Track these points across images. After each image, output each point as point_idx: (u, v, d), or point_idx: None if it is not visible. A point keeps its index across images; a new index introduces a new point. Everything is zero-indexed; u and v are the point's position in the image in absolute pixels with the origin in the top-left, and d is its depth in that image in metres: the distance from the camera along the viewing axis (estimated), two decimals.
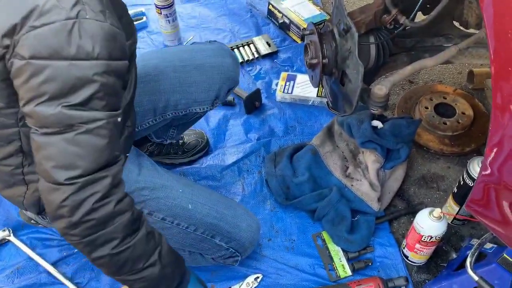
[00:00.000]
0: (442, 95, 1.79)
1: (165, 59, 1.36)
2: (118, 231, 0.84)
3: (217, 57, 1.37)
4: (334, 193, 1.48)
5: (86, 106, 0.79)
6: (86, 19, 0.76)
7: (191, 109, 1.39)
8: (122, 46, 0.82)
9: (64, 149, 0.79)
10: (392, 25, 1.31)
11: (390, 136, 1.48)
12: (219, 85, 1.36)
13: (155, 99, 1.34)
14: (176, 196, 1.20)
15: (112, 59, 0.80)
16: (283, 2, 2.21)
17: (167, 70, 1.34)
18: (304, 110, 1.88)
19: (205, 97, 1.37)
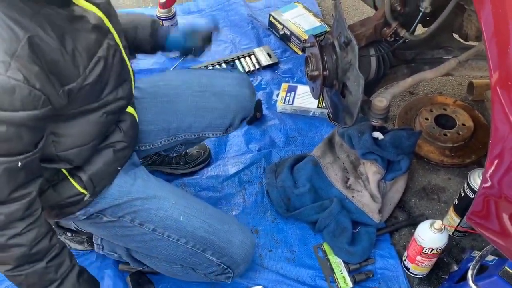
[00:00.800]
0: (442, 106, 1.80)
1: (186, 81, 1.37)
2: (10, 260, 0.93)
3: (235, 86, 1.40)
4: (335, 204, 1.48)
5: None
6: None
7: (203, 133, 1.40)
8: (25, 98, 0.83)
9: None
10: (393, 38, 1.32)
11: (390, 148, 1.48)
12: (234, 114, 1.38)
13: (169, 120, 1.35)
14: (168, 207, 1.19)
15: (3, 110, 0.81)
16: (283, 14, 2.23)
17: (186, 93, 1.35)
18: (305, 121, 1.89)
19: (219, 124, 1.39)
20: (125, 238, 1.24)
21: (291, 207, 1.55)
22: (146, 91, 1.34)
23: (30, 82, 0.82)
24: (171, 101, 1.34)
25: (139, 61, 2.13)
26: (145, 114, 1.30)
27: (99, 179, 1.10)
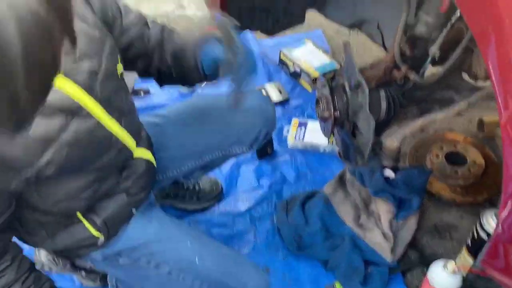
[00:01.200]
0: (453, 143, 1.81)
1: (212, 103, 1.40)
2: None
3: (260, 103, 1.43)
4: (346, 242, 1.48)
5: None
6: None
7: (230, 150, 1.42)
8: None
9: None
10: (402, 81, 1.35)
11: (402, 186, 1.49)
12: (260, 128, 1.41)
13: (198, 142, 1.37)
14: (184, 249, 1.20)
15: None
16: (294, 51, 2.28)
17: (213, 113, 1.38)
18: (315, 157, 1.90)
19: (246, 139, 1.41)
20: (141, 279, 1.24)
21: (303, 245, 1.55)
22: (173, 117, 1.36)
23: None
24: (200, 123, 1.36)
25: (153, 96, 2.19)
26: (174, 139, 1.32)
27: (113, 222, 1.11)
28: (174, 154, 1.34)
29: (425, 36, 1.26)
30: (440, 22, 1.23)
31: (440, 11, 1.20)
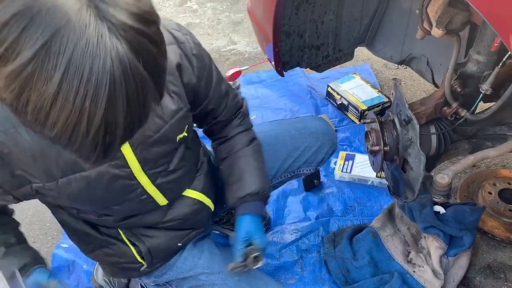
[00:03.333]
0: (507, 180, 1.77)
1: (283, 129, 1.49)
2: None
3: (325, 126, 1.54)
4: (395, 279, 1.46)
5: None
6: None
7: (300, 170, 1.50)
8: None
9: None
10: (453, 117, 1.35)
11: (453, 223, 1.47)
12: (327, 148, 1.50)
13: (272, 166, 1.44)
14: (232, 284, 1.23)
15: None
16: (341, 85, 2.32)
17: (285, 138, 1.46)
18: (363, 190, 1.91)
19: (313, 160, 1.50)
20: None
21: (350, 279, 1.54)
22: None
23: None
24: (274, 149, 1.44)
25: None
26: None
27: (158, 253, 1.15)
28: None
29: (476, 75, 1.27)
30: (492, 60, 1.24)
31: (491, 50, 1.21)
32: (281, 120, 1.64)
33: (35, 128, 0.63)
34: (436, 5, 1.17)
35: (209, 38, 3.08)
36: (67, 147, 0.64)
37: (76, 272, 1.70)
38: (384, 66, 2.61)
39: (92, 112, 0.60)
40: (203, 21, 3.28)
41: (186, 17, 3.33)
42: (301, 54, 1.93)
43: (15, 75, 0.57)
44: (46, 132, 0.62)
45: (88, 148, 0.64)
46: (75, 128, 0.61)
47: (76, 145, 0.63)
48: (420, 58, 1.86)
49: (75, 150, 0.64)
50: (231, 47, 2.96)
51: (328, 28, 1.91)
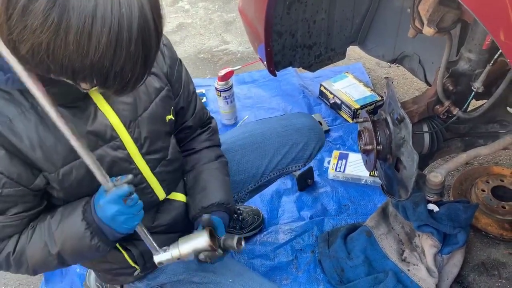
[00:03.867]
0: (499, 177, 1.77)
1: (269, 127, 1.48)
2: None
3: (311, 121, 1.54)
4: (390, 278, 1.46)
5: None
6: None
7: (288, 167, 1.49)
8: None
9: None
10: (446, 116, 1.35)
11: (446, 221, 1.47)
12: (314, 145, 1.50)
13: (259, 164, 1.44)
14: (226, 285, 1.23)
15: None
16: (334, 84, 2.32)
17: (272, 136, 1.46)
18: (357, 189, 1.91)
19: (302, 156, 1.49)
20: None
21: (345, 278, 1.54)
22: (235, 144, 1.44)
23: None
24: (260, 147, 1.44)
25: None
26: (235, 166, 1.40)
27: (151, 256, 1.14)
28: (235, 179, 1.41)
29: (467, 73, 1.27)
30: (483, 58, 1.25)
31: (482, 48, 1.21)
32: (267, 118, 1.63)
33: (76, 58, 0.67)
34: (427, 3, 1.17)
35: (201, 38, 3.07)
36: (111, 67, 0.70)
37: (69, 276, 1.68)
38: (377, 64, 2.62)
39: (129, 17, 0.67)
40: (195, 21, 3.26)
41: (178, 17, 3.32)
42: (293, 53, 1.93)
43: (52, 2, 0.63)
44: (91, 55, 0.67)
45: (130, 64, 0.71)
46: (118, 38, 0.67)
47: (120, 61, 0.69)
48: (412, 56, 1.87)
49: (119, 70, 0.70)
50: (224, 47, 2.95)
51: (320, 27, 1.90)
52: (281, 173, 1.50)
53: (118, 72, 0.71)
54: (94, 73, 0.71)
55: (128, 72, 0.72)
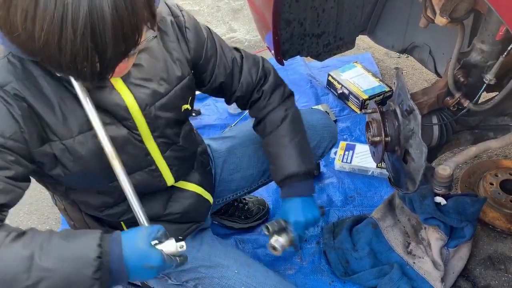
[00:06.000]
0: (508, 171, 1.75)
1: None
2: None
3: (324, 119, 1.52)
4: (395, 270, 1.46)
5: None
6: None
7: None
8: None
9: None
10: (456, 108, 1.33)
11: (453, 214, 1.46)
12: (326, 142, 1.50)
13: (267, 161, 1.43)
14: (231, 276, 1.23)
15: None
16: (342, 74, 2.29)
17: None
18: (363, 180, 1.89)
19: (314, 153, 1.48)
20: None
21: (350, 270, 1.54)
22: (247, 138, 1.44)
23: (10, 109, 0.85)
24: None
25: (203, 117, 2.26)
26: (244, 160, 1.42)
27: None
28: (246, 174, 1.42)
29: (479, 64, 1.25)
30: (496, 49, 1.22)
31: (495, 39, 1.18)
32: None
33: (27, 39, 0.69)
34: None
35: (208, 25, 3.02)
36: (60, 57, 0.70)
37: None
38: (386, 54, 2.58)
39: (75, 8, 0.67)
40: (202, 8, 3.23)
41: (185, 4, 3.28)
42: (301, 42, 1.90)
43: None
44: (37, 39, 0.68)
45: (81, 57, 0.70)
46: (62, 25, 0.67)
47: (67, 53, 0.69)
48: (422, 47, 1.83)
49: (69, 61, 0.70)
50: (231, 35, 2.93)
51: (329, 15, 1.87)
52: None
53: (70, 64, 0.72)
54: (48, 60, 0.73)
55: (80, 64, 0.72)
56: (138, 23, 0.74)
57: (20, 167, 0.89)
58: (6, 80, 0.85)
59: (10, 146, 0.86)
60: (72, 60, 0.71)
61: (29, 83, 0.87)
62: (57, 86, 0.90)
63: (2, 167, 0.85)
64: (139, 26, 0.75)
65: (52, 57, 0.71)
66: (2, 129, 0.85)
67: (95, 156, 0.97)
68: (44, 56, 0.72)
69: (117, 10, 0.69)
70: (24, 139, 0.88)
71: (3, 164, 0.85)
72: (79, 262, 0.81)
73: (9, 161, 0.86)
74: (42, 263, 0.79)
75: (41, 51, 0.71)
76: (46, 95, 0.89)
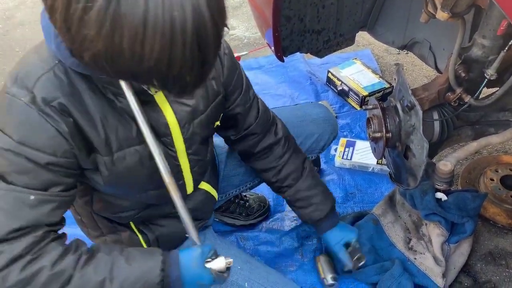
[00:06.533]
0: (509, 166, 1.75)
1: (284, 117, 1.46)
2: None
3: (326, 112, 1.54)
4: (396, 266, 1.45)
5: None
6: (18, 100, 0.83)
7: None
8: (45, 138, 0.85)
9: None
10: (457, 103, 1.33)
11: (454, 210, 1.45)
12: (328, 135, 1.52)
13: None
14: (234, 272, 1.22)
15: (25, 145, 0.84)
16: (342, 71, 2.29)
17: (287, 126, 1.44)
18: (363, 177, 1.89)
19: (316, 146, 1.51)
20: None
21: None
22: None
23: (59, 128, 0.86)
24: None
25: None
26: None
27: (165, 241, 1.15)
28: (247, 168, 1.42)
29: (480, 60, 1.24)
30: (497, 44, 1.21)
31: (496, 34, 1.18)
32: (281, 108, 1.62)
33: (133, 64, 0.67)
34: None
35: None
36: (168, 72, 0.68)
37: None
38: (386, 51, 2.58)
39: (182, 20, 0.64)
40: None
41: None
42: (301, 39, 1.90)
43: (103, 12, 0.62)
44: (146, 60, 0.66)
45: (188, 67, 0.68)
46: (172, 41, 0.65)
47: (177, 65, 0.67)
48: (422, 42, 1.83)
49: (176, 74, 0.69)
50: (230, 32, 2.92)
51: (329, 12, 1.87)
52: None
53: (177, 76, 0.70)
54: (153, 78, 0.70)
55: (185, 75, 0.70)
56: (224, 22, 0.73)
57: (71, 179, 0.93)
58: (53, 96, 0.85)
59: (62, 163, 0.89)
60: (179, 72, 0.69)
61: (74, 99, 0.87)
62: (100, 102, 0.90)
63: (56, 183, 0.89)
64: (225, 25, 0.74)
65: (160, 74, 0.69)
66: (53, 148, 0.86)
67: (132, 172, 0.99)
68: (150, 74, 0.70)
69: (211, 10, 0.67)
70: (74, 155, 0.90)
71: (56, 180, 0.89)
72: (145, 286, 0.92)
73: (61, 176, 0.90)
74: (113, 287, 0.90)
75: (148, 71, 0.68)
76: (89, 112, 0.89)
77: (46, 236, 0.89)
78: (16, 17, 3.33)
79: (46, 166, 0.86)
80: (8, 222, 0.85)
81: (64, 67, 0.85)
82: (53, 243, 0.89)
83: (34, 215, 0.87)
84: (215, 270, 0.98)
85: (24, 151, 0.84)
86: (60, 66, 0.85)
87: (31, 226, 0.87)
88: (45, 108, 0.84)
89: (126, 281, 0.91)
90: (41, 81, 0.84)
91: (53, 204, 0.89)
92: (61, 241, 0.92)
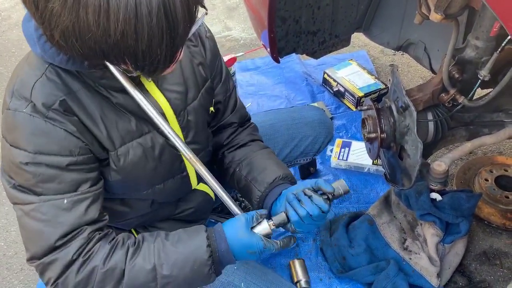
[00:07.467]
0: (503, 167, 1.76)
1: (279, 119, 1.48)
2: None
3: (321, 115, 1.54)
4: (391, 266, 1.46)
5: (24, 188, 0.87)
6: (20, 112, 0.84)
7: (297, 160, 1.51)
8: (58, 142, 0.86)
9: (20, 227, 0.92)
10: (451, 104, 1.33)
11: (449, 210, 1.46)
12: (323, 138, 1.51)
13: None
14: (231, 273, 1.23)
15: (41, 153, 0.86)
16: (338, 72, 2.30)
17: (281, 128, 1.46)
18: (359, 177, 1.90)
19: (310, 149, 1.51)
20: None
21: (346, 266, 1.54)
22: None
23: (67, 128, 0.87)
24: (269, 139, 1.43)
25: None
26: None
27: None
28: None
29: (474, 61, 1.25)
30: (490, 46, 1.22)
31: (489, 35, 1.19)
32: (277, 110, 1.63)
33: (101, 38, 0.67)
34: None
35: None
36: (136, 45, 0.68)
37: None
38: (381, 52, 2.59)
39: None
40: None
41: None
42: (297, 40, 1.90)
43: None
44: (112, 33, 0.66)
45: (156, 40, 0.68)
46: (137, 13, 0.65)
47: (144, 38, 0.67)
48: (417, 43, 1.84)
49: (145, 47, 0.68)
50: (226, 33, 2.92)
51: (324, 13, 1.87)
52: (289, 166, 1.50)
53: (146, 51, 0.70)
54: (123, 53, 0.71)
55: (155, 48, 0.70)
56: (192, 20, 0.74)
57: (94, 172, 0.94)
58: (52, 99, 0.86)
59: (82, 160, 0.90)
60: (149, 46, 0.69)
61: (71, 98, 0.88)
62: (96, 99, 0.90)
63: (82, 181, 0.91)
64: (197, 1, 0.74)
65: (128, 48, 0.69)
66: (69, 149, 0.88)
67: (136, 166, 0.99)
68: (119, 50, 0.70)
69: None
70: (89, 150, 0.92)
71: (82, 178, 0.91)
72: (195, 265, 0.94)
73: (85, 173, 0.91)
74: (164, 272, 0.92)
75: (117, 45, 0.68)
76: (89, 110, 0.90)
77: (92, 236, 0.92)
78: (12, 18, 3.33)
79: (67, 168, 0.88)
80: (52, 231, 0.88)
81: (55, 69, 0.86)
82: (100, 242, 0.92)
83: (74, 217, 0.89)
84: (262, 235, 0.98)
85: (43, 159, 0.86)
86: (51, 69, 0.86)
87: (74, 229, 0.89)
88: (48, 113, 0.85)
89: (175, 263, 0.93)
90: (36, 88, 0.85)
91: (87, 201, 0.92)
92: (108, 238, 0.94)
